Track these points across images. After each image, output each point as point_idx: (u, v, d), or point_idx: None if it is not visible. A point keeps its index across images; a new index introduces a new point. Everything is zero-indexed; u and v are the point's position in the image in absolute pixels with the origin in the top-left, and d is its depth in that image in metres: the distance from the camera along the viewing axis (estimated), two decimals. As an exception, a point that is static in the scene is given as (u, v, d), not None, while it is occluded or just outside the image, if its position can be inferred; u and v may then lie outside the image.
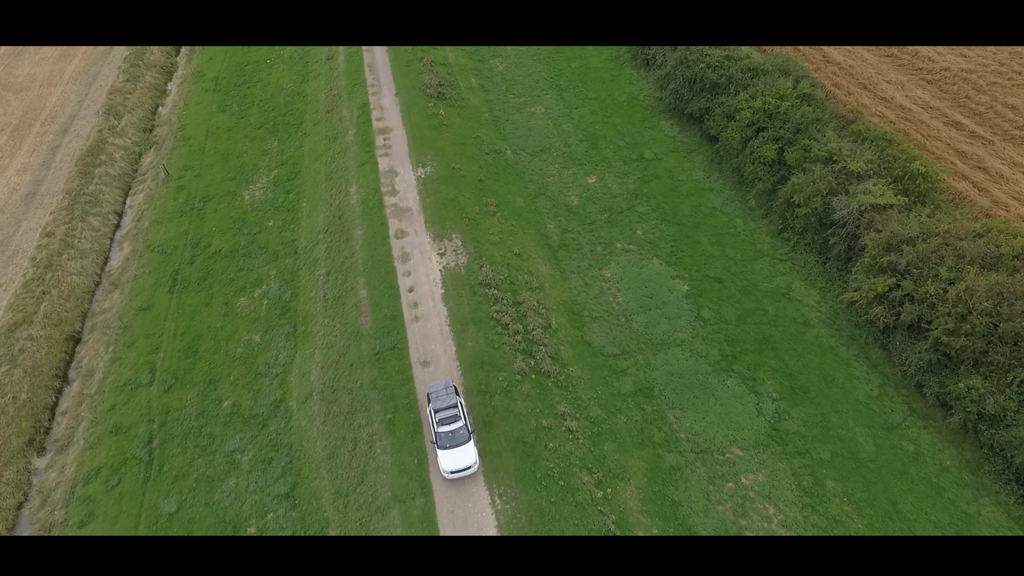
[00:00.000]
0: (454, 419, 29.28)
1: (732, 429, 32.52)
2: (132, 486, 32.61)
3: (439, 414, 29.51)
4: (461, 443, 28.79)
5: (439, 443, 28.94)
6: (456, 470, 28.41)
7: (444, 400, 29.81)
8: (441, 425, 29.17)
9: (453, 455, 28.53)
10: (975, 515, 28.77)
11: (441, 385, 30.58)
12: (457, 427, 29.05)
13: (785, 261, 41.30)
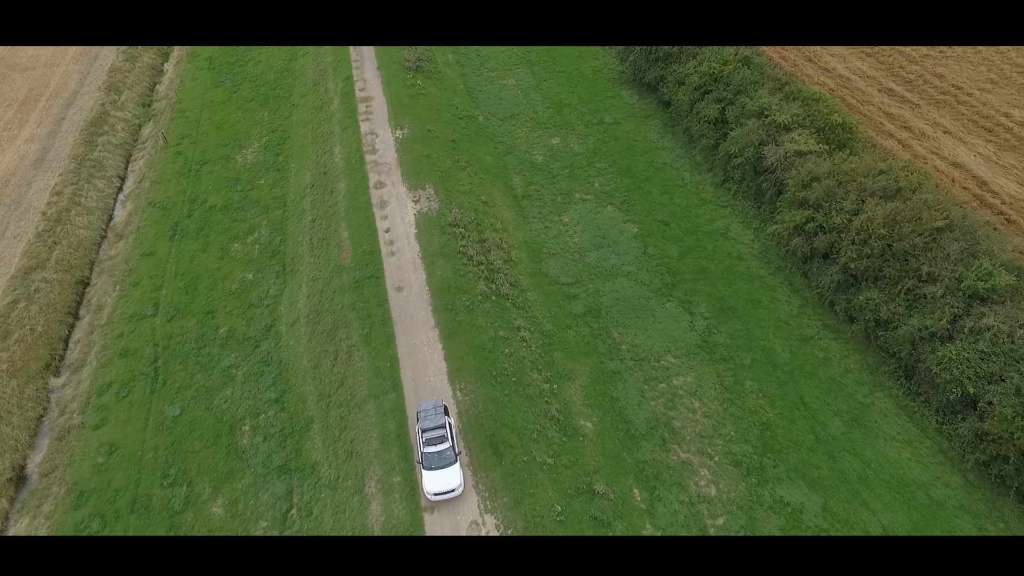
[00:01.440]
0: (441, 440, 28.68)
1: (667, 342, 37.21)
2: (140, 396, 37.05)
3: (426, 434, 28.92)
4: (447, 464, 28.18)
5: (424, 463, 28.31)
6: (439, 492, 27.85)
7: (432, 420, 29.19)
8: (428, 445, 28.60)
9: (439, 476, 27.93)
10: (869, 405, 33.52)
11: (430, 404, 29.99)
12: (444, 448, 28.45)
13: (725, 207, 46.04)
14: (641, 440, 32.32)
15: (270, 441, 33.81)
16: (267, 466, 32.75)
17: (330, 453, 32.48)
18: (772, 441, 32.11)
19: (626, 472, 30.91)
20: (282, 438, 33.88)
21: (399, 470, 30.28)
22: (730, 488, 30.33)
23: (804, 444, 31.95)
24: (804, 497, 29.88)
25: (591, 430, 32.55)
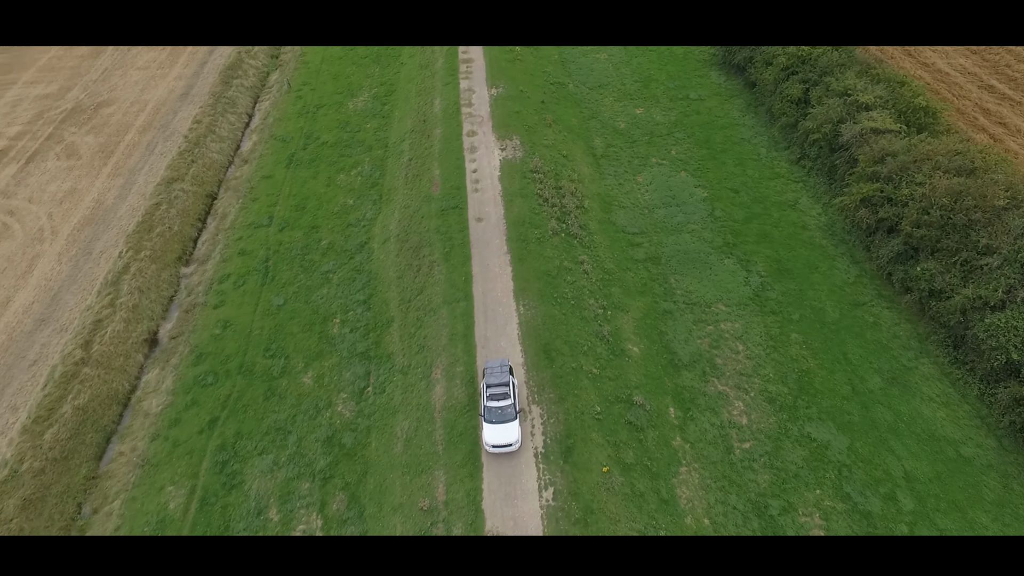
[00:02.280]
0: (504, 396, 29.77)
1: (721, 292, 39.65)
2: (252, 287, 43.32)
3: (490, 389, 30.08)
4: (507, 420, 29.30)
5: (486, 416, 29.52)
6: (498, 444, 29.04)
7: (498, 377, 30.34)
8: (491, 400, 29.79)
9: (498, 430, 29.11)
10: (912, 368, 34.79)
11: (497, 363, 31.23)
12: (505, 404, 29.55)
13: (797, 182, 47.56)
14: (683, 369, 35.13)
15: (355, 333, 39.01)
16: (351, 351, 37.94)
17: (405, 346, 37.27)
18: (808, 386, 34.10)
19: (664, 393, 33.89)
20: (365, 331, 39.01)
21: (462, 363, 34.62)
22: (761, 420, 32.69)
23: (839, 393, 33.74)
24: (831, 436, 31.84)
25: (637, 354, 35.68)
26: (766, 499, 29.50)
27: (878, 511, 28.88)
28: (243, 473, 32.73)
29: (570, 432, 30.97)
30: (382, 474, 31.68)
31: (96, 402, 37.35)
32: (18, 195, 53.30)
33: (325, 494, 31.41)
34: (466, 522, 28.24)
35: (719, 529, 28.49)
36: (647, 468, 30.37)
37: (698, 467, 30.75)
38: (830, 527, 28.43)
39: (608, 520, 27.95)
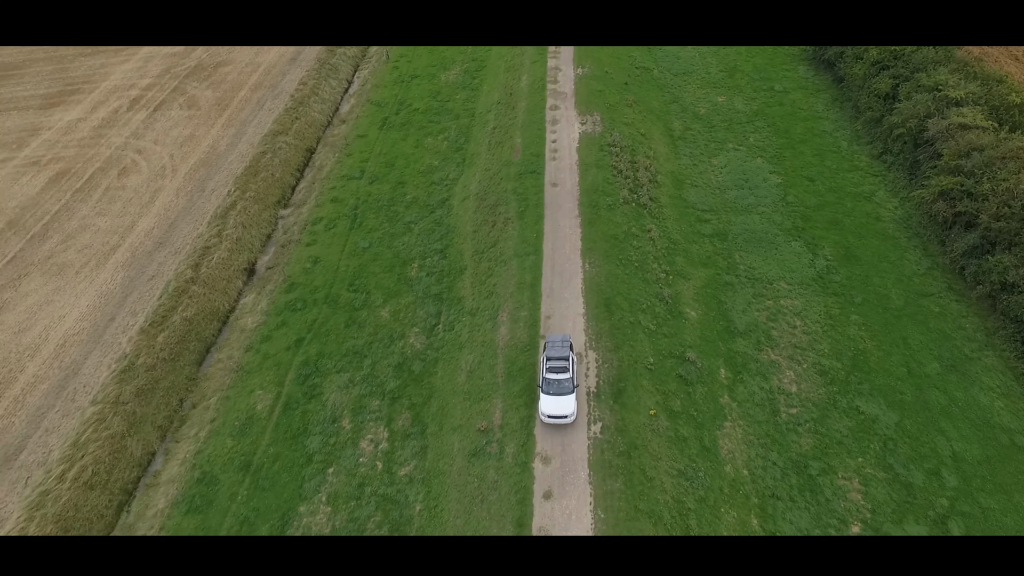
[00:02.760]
0: (563, 370, 30.73)
1: (784, 271, 40.45)
2: (342, 230, 47.37)
3: (550, 362, 31.07)
4: (564, 393, 30.30)
5: (544, 388, 30.57)
6: (553, 415, 30.10)
7: (558, 351, 31.44)
8: (550, 372, 30.79)
9: (555, 402, 30.16)
10: (974, 359, 34.67)
11: (559, 337, 32.32)
12: (564, 378, 30.52)
13: (876, 176, 47.38)
14: (738, 337, 36.38)
15: (431, 277, 42.24)
16: (426, 293, 41.19)
17: (475, 291, 40.17)
18: (863, 364, 34.66)
19: (717, 355, 35.30)
20: (440, 276, 42.18)
21: (527, 308, 37.16)
22: (811, 390, 33.61)
23: (894, 373, 34.15)
24: (880, 411, 32.42)
25: (694, 318, 37.19)
26: (807, 460, 30.55)
27: (920, 484, 29.42)
28: (322, 386, 36.48)
29: (622, 377, 32.97)
30: (445, 399, 34.67)
31: (200, 316, 42.16)
32: (146, 137, 59.82)
33: (392, 411, 34.68)
34: (518, 444, 30.80)
35: (757, 481, 29.81)
36: (692, 418, 32.00)
37: (743, 424, 32.09)
38: (868, 492, 29.23)
39: (650, 457, 29.83)
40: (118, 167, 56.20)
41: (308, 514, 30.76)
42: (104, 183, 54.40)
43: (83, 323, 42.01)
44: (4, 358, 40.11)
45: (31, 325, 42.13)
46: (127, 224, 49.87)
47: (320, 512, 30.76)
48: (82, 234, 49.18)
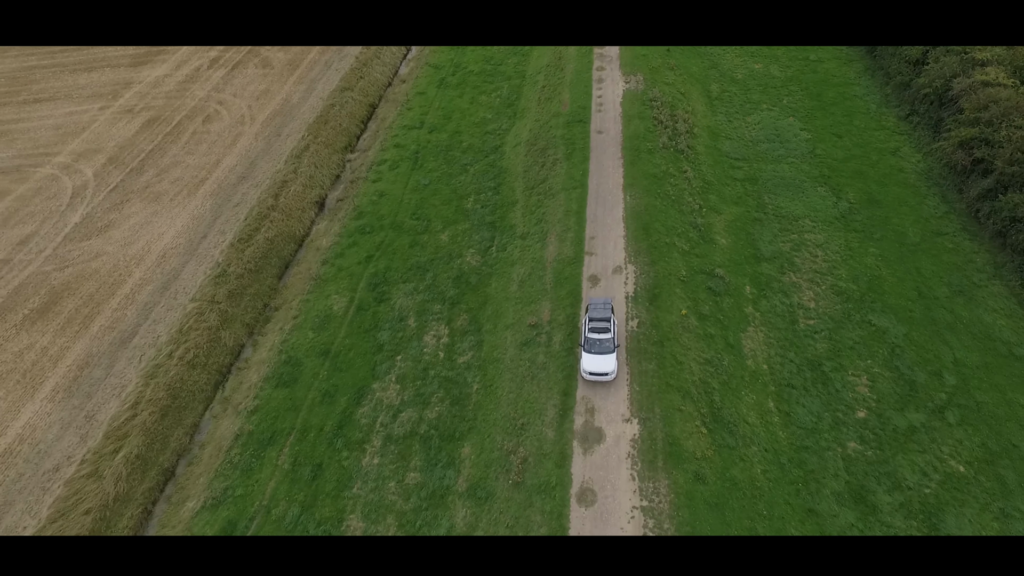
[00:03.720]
0: (604, 331, 32.29)
1: (809, 210, 44.12)
2: (404, 170, 52.48)
3: (592, 323, 32.62)
4: (605, 352, 31.83)
5: (586, 347, 32.07)
6: (594, 372, 31.62)
7: (600, 312, 33.06)
8: (592, 332, 32.37)
9: (596, 360, 31.67)
10: (981, 286, 37.93)
11: (601, 300, 33.91)
12: (605, 338, 32.07)
13: (902, 135, 50.58)
14: (763, 261, 40.29)
15: (485, 208, 47.00)
16: (481, 221, 45.96)
17: (525, 219, 44.79)
18: (877, 287, 38.28)
19: (744, 274, 39.30)
20: (493, 208, 46.91)
21: (572, 231, 41.65)
22: (827, 306, 37.38)
23: (906, 295, 37.71)
24: (890, 324, 36.07)
25: (724, 244, 41.21)
26: (820, 360, 34.43)
27: (922, 381, 33.08)
28: (390, 293, 41.53)
29: (657, 285, 37.26)
30: (498, 304, 39.39)
31: (280, 237, 47.63)
32: (225, 91, 65.91)
33: (452, 314, 39.52)
34: (564, 334, 35.35)
35: (775, 373, 33.81)
36: (719, 321, 36.13)
37: (764, 330, 36.08)
38: (874, 386, 32.99)
39: (680, 347, 34.09)
40: (202, 115, 62.31)
41: (380, 390, 35.77)
42: (190, 128, 60.52)
43: (179, 239, 47.86)
44: (114, 265, 46.11)
45: (135, 240, 48.15)
46: (213, 161, 55.77)
47: (390, 388, 35.74)
48: (174, 169, 55.22)
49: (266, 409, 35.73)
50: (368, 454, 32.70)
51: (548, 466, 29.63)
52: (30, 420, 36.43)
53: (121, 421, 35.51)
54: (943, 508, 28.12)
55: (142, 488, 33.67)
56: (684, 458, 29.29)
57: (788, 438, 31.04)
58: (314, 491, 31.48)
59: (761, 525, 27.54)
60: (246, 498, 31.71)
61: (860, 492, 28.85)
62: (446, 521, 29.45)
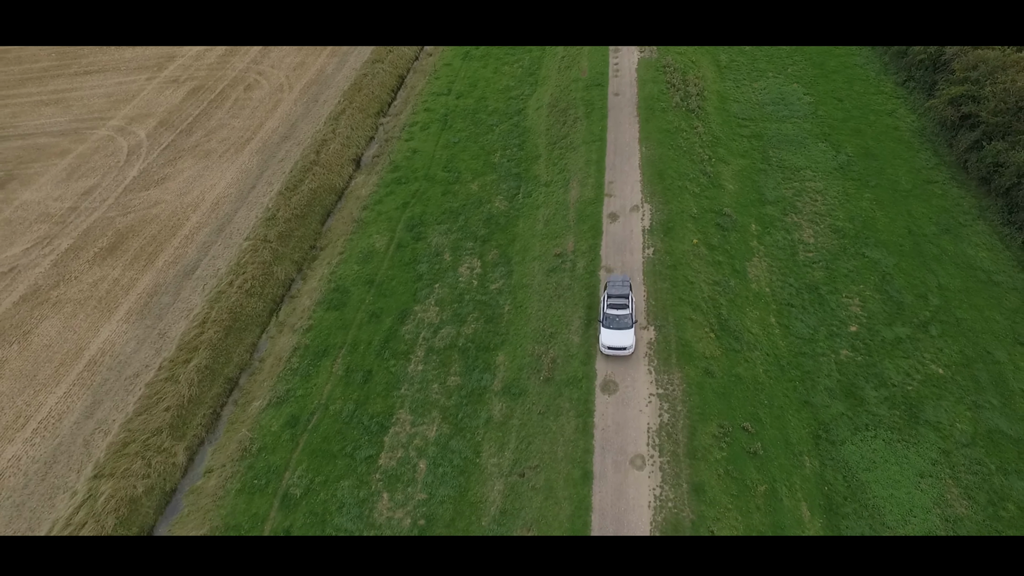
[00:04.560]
0: (622, 307, 33.17)
1: (810, 162, 47.96)
2: (435, 131, 56.66)
3: (611, 299, 33.52)
4: (623, 327, 32.68)
5: (605, 322, 32.88)
6: (613, 347, 32.45)
7: (619, 289, 33.93)
8: (611, 308, 33.25)
9: (614, 335, 32.54)
10: (967, 225, 41.69)
11: (619, 278, 34.77)
12: (624, 314, 32.93)
13: (899, 98, 54.33)
14: (767, 204, 44.20)
15: (511, 162, 51.12)
16: (507, 172, 50.08)
17: (549, 170, 48.88)
18: (871, 226, 42.10)
19: (749, 215, 43.23)
20: (518, 162, 51.03)
21: (593, 176, 45.71)
22: (825, 242, 41.26)
23: (897, 233, 41.53)
24: (882, 256, 39.91)
25: (732, 189, 45.16)
26: (818, 284, 38.35)
27: (909, 302, 36.94)
28: (426, 233, 45.71)
29: (671, 220, 41.28)
30: (526, 240, 43.51)
31: (322, 188, 51.91)
32: (264, 63, 70.34)
33: (483, 249, 43.66)
34: (587, 260, 39.44)
35: (776, 294, 37.76)
36: (726, 251, 40.12)
37: (767, 260, 40.03)
38: (866, 306, 36.88)
39: (691, 271, 38.10)
40: (243, 84, 66.75)
41: (421, 311, 39.96)
42: (233, 95, 64.96)
43: (230, 189, 52.25)
44: (173, 211, 50.52)
45: (190, 190, 52.57)
46: (256, 124, 60.15)
47: (430, 310, 39.91)
48: (220, 130, 59.64)
49: (319, 328, 39.98)
50: (413, 362, 36.88)
51: (575, 364, 33.73)
52: (109, 337, 40.85)
53: (191, 336, 39.88)
54: (923, 401, 31.99)
55: (211, 393, 37.99)
56: (695, 357, 33.32)
57: (787, 346, 35.00)
58: (366, 392, 35.69)
59: (763, 412, 31.55)
60: (306, 398, 35.95)
61: (850, 388, 32.79)
62: (484, 413, 33.59)
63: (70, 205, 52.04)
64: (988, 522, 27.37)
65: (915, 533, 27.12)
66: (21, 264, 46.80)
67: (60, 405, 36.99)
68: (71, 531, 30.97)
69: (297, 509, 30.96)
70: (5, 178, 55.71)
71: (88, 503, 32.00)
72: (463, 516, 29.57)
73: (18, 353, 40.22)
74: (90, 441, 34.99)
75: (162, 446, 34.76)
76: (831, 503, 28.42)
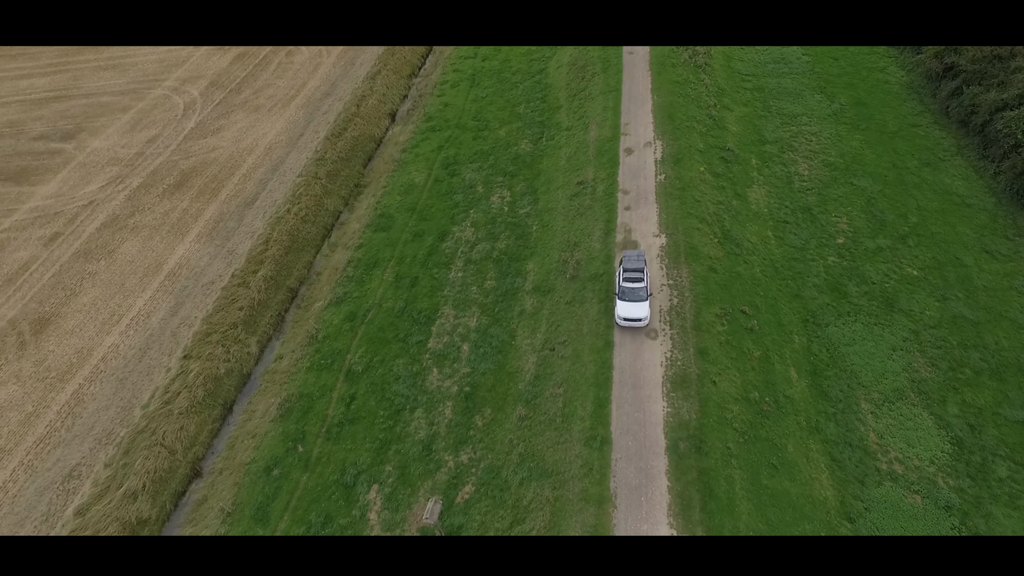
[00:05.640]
0: (638, 280, 34.03)
1: (806, 110, 52.97)
2: (464, 88, 62.04)
3: (627, 273, 34.32)
4: (638, 300, 33.63)
5: (620, 295, 33.86)
6: (628, 318, 33.45)
7: (634, 263, 34.83)
8: (626, 282, 34.09)
9: (630, 307, 33.52)
10: (946, 160, 46.48)
11: (635, 253, 35.78)
12: (639, 287, 33.81)
13: (890, 57, 59.22)
14: (767, 144, 49.30)
15: (535, 112, 56.44)
16: (531, 120, 55.41)
17: (569, 117, 54.18)
18: (859, 160, 47.10)
19: (750, 151, 48.36)
20: (541, 111, 56.34)
21: (610, 119, 50.94)
22: (818, 173, 46.29)
23: (882, 166, 46.51)
24: (868, 184, 44.89)
25: (735, 131, 50.30)
26: (811, 207, 43.43)
27: (890, 220, 41.95)
28: (460, 170, 51.09)
29: (680, 153, 46.50)
30: (550, 174, 48.82)
31: (363, 137, 57.40)
32: (302, 32, 75.99)
33: (512, 182, 48.99)
34: (606, 185, 44.70)
35: (773, 214, 42.87)
36: (730, 179, 45.30)
37: (766, 187, 45.15)
38: (852, 223, 41.90)
39: (698, 192, 43.30)
40: (284, 50, 72.40)
41: (458, 232, 45.34)
42: (276, 60, 70.62)
43: (281, 136, 57.85)
44: (230, 155, 56.15)
45: (244, 138, 58.19)
46: (299, 83, 65.76)
47: (467, 230, 45.28)
48: (267, 89, 65.28)
49: (368, 246, 45.46)
50: (453, 271, 42.30)
51: (597, 264, 39.04)
52: (184, 254, 46.50)
53: (256, 252, 45.46)
54: (898, 295, 37.08)
55: (276, 299, 43.56)
56: (700, 257, 38.56)
57: (782, 253, 40.18)
58: (414, 294, 41.12)
59: (759, 300, 36.73)
60: (361, 298, 41.44)
61: (835, 285, 37.92)
62: (518, 307, 38.95)
63: (136, 151, 57.77)
64: (948, 382, 32.44)
65: (885, 391, 32.23)
66: (99, 198, 52.54)
67: (147, 306, 42.64)
68: (168, 399, 36.57)
69: (360, 381, 36.43)
70: (75, 130, 61.54)
71: (180, 377, 37.62)
72: (502, 383, 34.93)
73: (106, 267, 45.90)
74: (177, 332, 40.60)
75: (238, 337, 40.32)
76: (815, 368, 33.60)
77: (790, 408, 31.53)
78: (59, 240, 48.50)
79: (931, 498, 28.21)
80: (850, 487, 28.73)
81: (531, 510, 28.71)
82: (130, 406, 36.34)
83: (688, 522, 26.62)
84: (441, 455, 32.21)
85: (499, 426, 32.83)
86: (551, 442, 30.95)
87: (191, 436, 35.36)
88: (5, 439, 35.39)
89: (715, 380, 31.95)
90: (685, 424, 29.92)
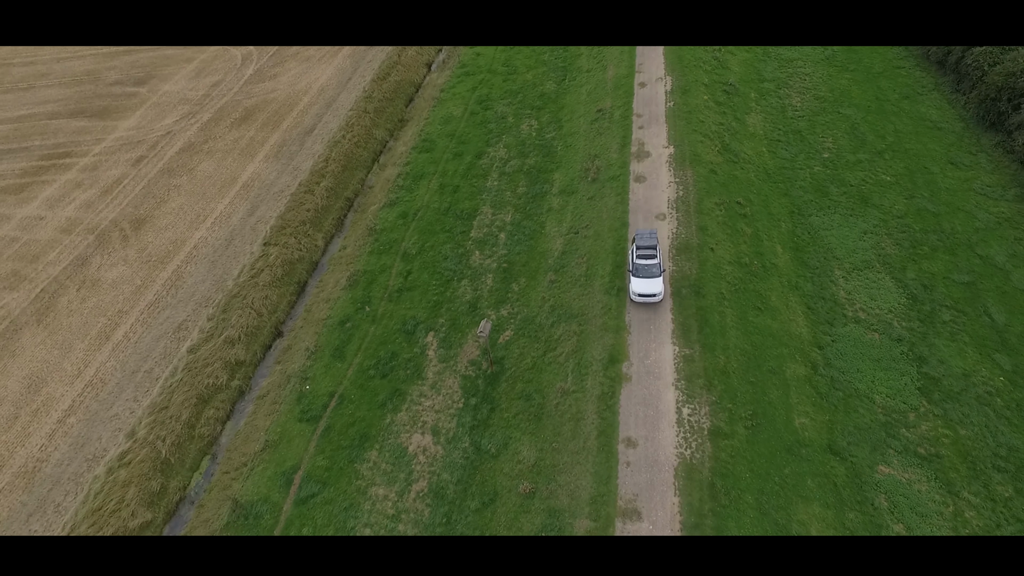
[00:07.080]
0: (651, 257, 34.77)
1: (802, 55, 59.11)
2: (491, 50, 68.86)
3: (640, 251, 35.09)
4: (652, 276, 34.40)
5: (634, 272, 34.67)
6: (643, 294, 34.34)
7: (647, 241, 35.45)
8: (640, 259, 34.84)
9: (644, 283, 34.34)
10: (924, 94, 52.72)
11: (647, 232, 36.26)
12: (652, 263, 34.52)
13: (881, 13, 65.45)
14: (765, 82, 55.78)
15: (558, 59, 63.16)
16: (555, 66, 62.15)
17: (589, 61, 60.84)
18: (846, 95, 53.43)
19: (750, 87, 54.87)
20: (564, 58, 63.07)
21: (626, 62, 57.59)
22: (809, 104, 52.74)
23: (867, 99, 52.82)
24: (853, 112, 51.21)
25: (736, 70, 56.75)
26: (801, 130, 49.91)
27: (870, 140, 48.29)
28: (492, 105, 57.97)
29: (687, 85, 53.12)
30: (572, 107, 55.61)
31: (404, 81, 64.37)
32: None
33: (539, 114, 55.80)
34: (622, 111, 51.44)
35: (768, 135, 49.41)
36: (730, 107, 51.86)
37: (763, 115, 51.66)
38: (836, 142, 48.32)
39: (702, 116, 49.89)
40: (328, 12, 79.56)
41: (493, 151, 52.20)
42: (321, 20, 77.78)
43: (331, 80, 65.00)
44: (287, 95, 63.38)
45: (298, 82, 65.41)
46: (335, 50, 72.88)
47: (500, 151, 52.16)
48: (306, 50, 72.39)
49: (414, 163, 52.47)
50: (490, 180, 49.18)
51: (614, 168, 45.81)
52: (255, 170, 53.71)
53: (318, 168, 52.57)
54: (872, 194, 43.51)
55: (336, 205, 50.63)
56: (703, 162, 45.22)
57: (774, 164, 46.73)
58: (456, 198, 48.05)
59: (752, 196, 43.32)
60: (411, 202, 48.45)
61: (819, 187, 44.42)
62: (546, 205, 45.79)
63: (203, 93, 65.14)
64: (908, 256, 38.91)
65: (856, 262, 38.72)
66: (175, 130, 59.93)
67: (228, 208, 49.91)
68: (253, 274, 43.69)
69: (414, 260, 43.43)
70: (146, 76, 69.06)
71: (262, 259, 44.77)
72: (534, 260, 41.79)
73: (188, 181, 53.24)
74: (255, 228, 47.79)
75: (307, 232, 47.44)
76: (798, 245, 40.19)
77: (775, 272, 38.18)
78: (144, 161, 55.88)
79: (886, 334, 34.74)
80: (821, 326, 35.33)
81: (561, 341, 35.60)
82: (223, 279, 43.55)
83: (688, 342, 33.38)
84: (485, 311, 39.13)
85: (532, 289, 39.71)
86: (577, 295, 37.82)
87: (274, 303, 42.49)
88: (122, 304, 42.72)
89: (713, 248, 38.66)
90: (687, 277, 36.68)
